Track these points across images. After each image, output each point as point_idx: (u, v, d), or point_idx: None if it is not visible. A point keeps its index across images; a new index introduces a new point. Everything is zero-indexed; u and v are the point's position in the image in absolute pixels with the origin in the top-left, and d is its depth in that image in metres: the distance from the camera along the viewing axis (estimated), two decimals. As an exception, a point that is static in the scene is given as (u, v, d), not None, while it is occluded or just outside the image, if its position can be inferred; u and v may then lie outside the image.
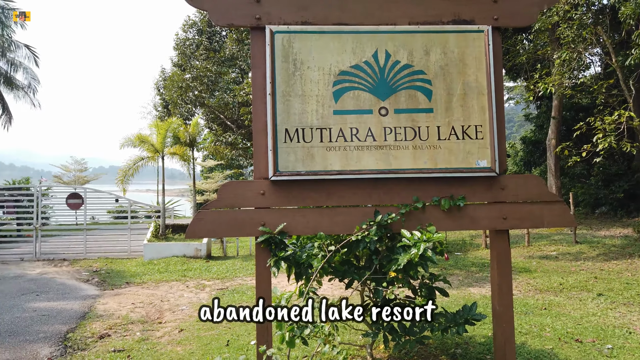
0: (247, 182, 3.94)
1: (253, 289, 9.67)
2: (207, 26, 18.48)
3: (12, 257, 14.88)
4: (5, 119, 29.53)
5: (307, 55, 3.85)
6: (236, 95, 14.38)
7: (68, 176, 30.50)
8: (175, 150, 14.85)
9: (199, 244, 14.01)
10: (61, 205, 16.38)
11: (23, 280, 11.14)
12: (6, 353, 5.97)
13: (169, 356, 5.82)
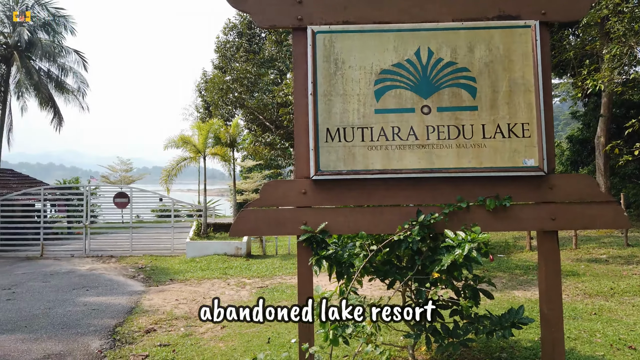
0: (288, 181, 3.98)
1: (293, 288, 9.75)
2: (246, 28, 18.77)
3: (64, 253, 15.59)
4: (56, 121, 30.99)
5: (348, 55, 3.85)
6: (275, 96, 14.54)
7: (114, 176, 31.71)
8: (216, 150, 15.17)
9: (239, 243, 14.25)
10: (108, 204, 17.03)
11: (74, 276, 11.65)
12: (60, 345, 6.27)
13: (212, 352, 5.95)
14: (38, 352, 5.94)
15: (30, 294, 9.42)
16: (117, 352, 6.02)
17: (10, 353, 5.92)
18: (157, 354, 5.91)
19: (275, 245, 15.86)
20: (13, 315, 7.79)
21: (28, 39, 27.69)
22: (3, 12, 28.91)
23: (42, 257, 14.95)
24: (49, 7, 29.65)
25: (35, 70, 29.04)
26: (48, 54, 29.02)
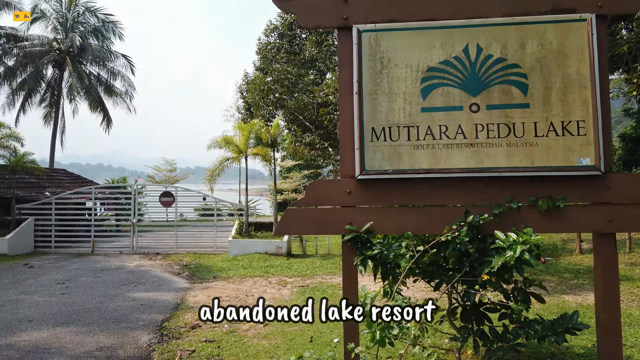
0: (333, 181, 3.98)
1: (334, 287, 9.76)
2: (287, 30, 18.95)
3: (113, 250, 16.22)
4: (105, 123, 32.29)
5: (394, 53, 3.81)
6: (315, 96, 14.60)
7: (160, 176, 32.73)
8: (257, 150, 15.39)
9: (280, 242, 14.39)
10: (153, 202, 17.59)
11: (123, 272, 12.09)
12: (112, 338, 6.51)
13: (256, 349, 6.03)
14: (91, 345, 6.20)
15: (82, 289, 9.84)
16: (165, 347, 6.20)
17: (65, 345, 6.21)
18: (203, 349, 6.04)
19: (315, 244, 15.92)
20: (67, 308, 8.16)
21: (79, 44, 28.98)
22: (56, 19, 30.40)
23: (93, 254, 15.60)
24: (98, 13, 30.91)
25: (86, 75, 30.35)
26: (98, 58, 30.27)
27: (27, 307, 8.24)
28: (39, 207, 16.42)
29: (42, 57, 29.17)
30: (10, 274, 11.69)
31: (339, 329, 6.79)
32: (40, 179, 20.20)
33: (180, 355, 5.88)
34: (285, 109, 16.86)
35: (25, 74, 29.20)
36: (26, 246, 15.57)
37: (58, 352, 5.89)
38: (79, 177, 25.62)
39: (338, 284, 10.11)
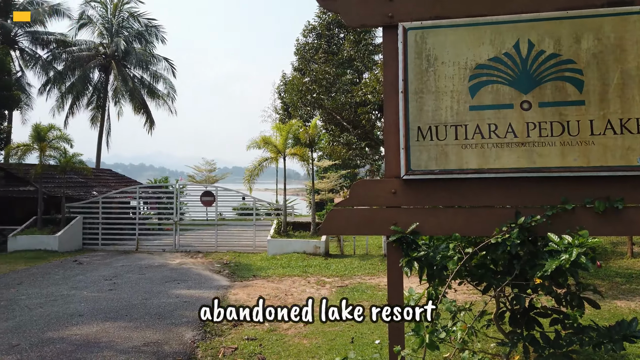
0: (378, 181, 3.94)
1: (373, 288, 9.69)
2: (325, 30, 18.97)
3: (156, 248, 16.69)
4: (148, 125, 33.28)
5: (441, 51, 3.73)
6: (354, 95, 14.54)
7: (199, 176, 33.46)
8: (295, 150, 15.48)
9: (318, 242, 14.42)
10: (194, 202, 17.98)
11: (166, 269, 12.42)
12: (157, 334, 6.69)
13: (297, 348, 6.06)
14: (138, 340, 6.39)
15: (128, 285, 10.16)
16: (209, 344, 6.32)
17: (114, 339, 6.42)
18: (246, 347, 6.12)
19: (353, 245, 15.87)
20: (115, 304, 8.44)
21: (124, 48, 29.99)
22: (102, 25, 31.55)
23: (137, 251, 16.11)
24: (141, 18, 31.89)
25: (130, 78, 31.38)
26: (141, 62, 31.23)
27: (77, 302, 8.59)
28: (87, 206, 17.09)
29: (89, 61, 30.36)
30: (61, 269, 12.22)
31: (379, 330, 6.73)
32: (88, 179, 21.01)
33: (223, 352, 5.98)
34: (322, 109, 16.87)
35: (73, 78, 30.48)
36: (75, 243, 16.24)
37: (107, 346, 6.10)
38: (123, 177, 26.52)
39: (377, 285, 10.04)
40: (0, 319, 7.38)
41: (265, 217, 18.02)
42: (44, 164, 16.74)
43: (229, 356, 5.85)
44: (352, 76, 18.37)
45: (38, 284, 10.34)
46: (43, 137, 16.52)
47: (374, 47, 16.82)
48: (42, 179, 16.73)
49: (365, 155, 19.13)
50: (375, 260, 13.49)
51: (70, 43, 30.79)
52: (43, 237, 15.44)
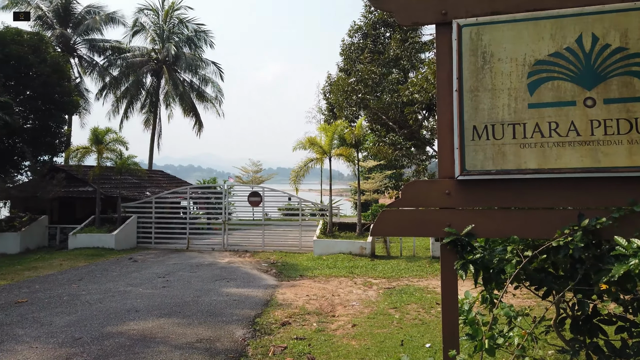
0: (431, 182, 3.87)
1: (421, 290, 9.54)
2: (371, 29, 18.86)
3: (205, 247, 17.14)
4: (197, 127, 34.24)
5: (497, 47, 3.62)
6: (401, 95, 14.37)
7: (246, 177, 34.08)
8: (341, 151, 15.47)
9: (364, 243, 14.35)
10: (240, 202, 18.32)
11: (215, 268, 12.72)
12: (209, 331, 6.86)
13: (346, 349, 6.05)
14: (192, 336, 6.57)
15: (180, 283, 10.48)
16: (259, 342, 6.41)
17: (169, 335, 6.64)
18: (295, 346, 6.17)
19: (399, 246, 15.69)
20: (168, 301, 8.73)
21: (174, 53, 30.99)
22: (154, 31, 32.74)
23: (188, 250, 16.60)
24: (191, 24, 32.87)
25: (180, 82, 32.40)
26: (191, 66, 32.19)
27: (133, 298, 8.94)
28: (140, 206, 17.79)
29: (142, 66, 31.60)
30: (118, 267, 12.77)
31: (429, 333, 6.62)
32: (142, 180, 21.86)
33: (273, 351, 6.05)
34: (368, 109, 16.79)
35: (127, 83, 31.82)
36: (130, 241, 16.94)
37: (163, 342, 6.31)
38: (174, 177, 27.40)
39: (426, 287, 9.87)
40: (64, 313, 7.80)
41: (310, 218, 18.14)
42: (102, 165, 17.55)
43: (279, 355, 5.91)
44: (399, 75, 18.16)
45: (97, 280, 10.85)
46: (101, 140, 17.34)
47: (421, 45, 16.57)
48: (99, 180, 17.56)
49: (412, 155, 18.87)
50: (422, 262, 13.27)
51: (124, 49, 32.18)
52: (101, 236, 16.20)
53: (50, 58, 22.63)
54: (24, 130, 21.48)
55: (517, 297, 8.36)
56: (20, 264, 13.34)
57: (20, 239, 16.01)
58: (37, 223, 16.96)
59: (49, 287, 10.05)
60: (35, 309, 8.08)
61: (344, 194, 43.00)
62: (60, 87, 22.78)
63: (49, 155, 24.17)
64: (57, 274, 11.73)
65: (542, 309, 7.22)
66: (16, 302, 8.61)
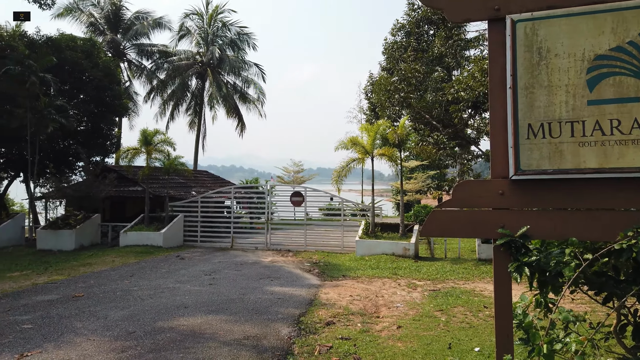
0: (483, 182, 3.78)
1: (467, 293, 9.34)
2: (415, 27, 18.63)
3: (249, 245, 17.43)
4: (239, 128, 34.86)
5: (554, 42, 3.49)
6: (445, 93, 14.11)
7: (288, 177, 34.45)
8: (383, 151, 15.35)
9: (407, 244, 14.19)
10: (282, 202, 18.49)
11: (259, 267, 12.91)
12: (256, 328, 6.97)
13: (392, 350, 6.00)
14: (239, 333, 6.70)
15: (226, 281, 10.70)
16: (304, 341, 6.46)
17: (217, 331, 6.79)
18: (340, 346, 6.18)
19: (443, 248, 15.41)
20: (215, 298, 8.93)
21: (218, 56, 31.68)
22: (199, 35, 33.58)
23: (232, 249, 16.93)
24: (234, 27, 33.52)
25: (224, 84, 33.09)
26: (234, 68, 32.82)
27: (182, 294, 9.21)
28: (187, 205, 18.29)
29: (187, 69, 32.50)
30: (166, 264, 13.18)
31: (477, 337, 6.47)
32: (188, 180, 22.49)
33: (319, 350, 6.08)
34: (411, 108, 16.58)
35: (173, 86, 32.81)
36: (177, 240, 17.45)
37: (211, 338, 6.47)
38: (218, 177, 28.03)
39: (472, 290, 9.66)
40: (117, 308, 8.13)
41: (350, 218, 18.10)
42: (150, 166, 18.17)
43: (325, 354, 5.93)
44: (442, 73, 17.85)
45: (147, 276, 11.24)
46: (149, 141, 17.96)
47: (466, 42, 16.21)
48: (148, 179, 18.19)
49: (456, 155, 18.49)
50: (468, 264, 12.98)
51: (171, 53, 33.20)
52: (149, 234, 16.77)
53: (101, 63, 23.65)
54: (78, 132, 22.57)
55: (573, 302, 8.05)
56: (76, 260, 14.01)
57: (75, 236, 16.81)
58: (90, 221, 17.75)
59: (103, 282, 10.50)
60: (91, 303, 8.47)
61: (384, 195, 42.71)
62: (111, 90, 23.77)
63: (101, 156, 25.29)
64: (109, 270, 12.25)
65: (597, 315, 6.92)
66: (74, 297, 9.05)
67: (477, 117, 15.54)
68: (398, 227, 15.95)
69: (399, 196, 31.39)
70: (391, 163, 16.10)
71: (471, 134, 17.15)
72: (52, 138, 20.44)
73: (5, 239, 18.03)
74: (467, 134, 17.32)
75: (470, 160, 17.86)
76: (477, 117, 15.56)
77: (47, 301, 8.70)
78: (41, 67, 18.25)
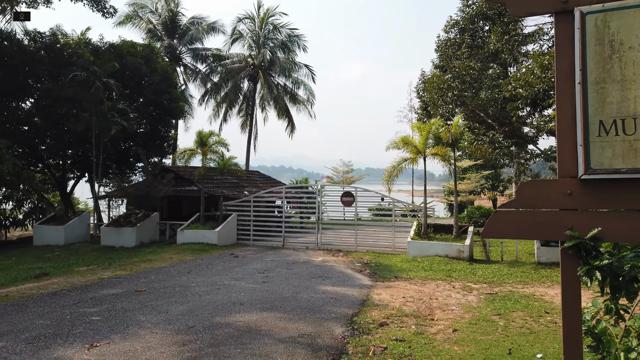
0: (550, 181, 3.63)
1: (527, 298, 9.00)
2: (469, 23, 18.15)
3: (299, 245, 17.61)
4: (289, 129, 35.28)
5: (627, 34, 3.30)
6: (502, 90, 13.65)
7: (337, 177, 34.53)
8: (436, 150, 15.05)
9: (462, 246, 13.85)
10: (332, 202, 18.50)
11: (310, 266, 13.01)
12: (309, 327, 7.03)
13: (449, 354, 5.88)
14: (293, 331, 6.78)
15: (279, 279, 10.87)
16: (358, 341, 6.45)
17: (272, 329, 6.91)
18: (395, 347, 6.12)
19: (499, 250, 14.92)
20: (269, 295, 9.09)
21: (269, 58, 32.22)
22: (251, 38, 34.29)
23: (284, 248, 17.17)
24: (285, 29, 33.98)
25: (274, 85, 33.62)
26: (284, 70, 33.27)
27: (237, 291, 9.44)
28: (239, 204, 18.73)
29: (239, 72, 33.28)
30: (221, 261, 13.56)
31: (539, 343, 6.23)
32: (240, 180, 23.02)
33: (373, 350, 6.05)
34: (464, 107, 16.16)
35: (226, 88, 33.70)
36: (230, 238, 17.91)
37: (267, 335, 6.59)
38: (269, 178, 28.51)
39: (532, 295, 9.29)
40: (177, 303, 8.45)
41: (400, 219, 17.88)
42: (205, 166, 18.75)
43: (379, 355, 5.90)
44: (499, 70, 17.28)
45: (203, 273, 11.61)
46: (205, 142, 18.54)
47: (523, 37, 15.62)
48: (203, 179, 18.77)
49: (513, 154, 17.86)
50: (526, 267, 12.51)
51: (224, 57, 34.14)
52: (205, 232, 17.31)
53: (159, 67, 24.66)
54: (138, 134, 23.64)
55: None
56: (137, 257, 14.68)
57: (136, 233, 17.62)
58: (149, 219, 18.54)
59: (162, 278, 10.94)
60: (153, 298, 8.85)
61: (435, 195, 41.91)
62: (168, 94, 24.74)
63: (159, 157, 26.37)
64: (168, 266, 12.75)
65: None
66: (136, 291, 9.49)
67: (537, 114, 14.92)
68: (451, 229, 15.60)
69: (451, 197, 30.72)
70: (444, 163, 15.75)
71: (529, 132, 16.49)
72: (114, 140, 21.52)
73: (73, 235, 19.17)
74: (524, 133, 16.67)
75: (529, 160, 17.17)
76: (535, 115, 14.94)
77: (112, 295, 9.17)
78: (104, 73, 19.26)
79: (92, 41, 23.49)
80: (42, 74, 21.34)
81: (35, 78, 21.73)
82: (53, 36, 22.17)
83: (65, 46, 22.05)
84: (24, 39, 21.35)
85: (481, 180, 25.97)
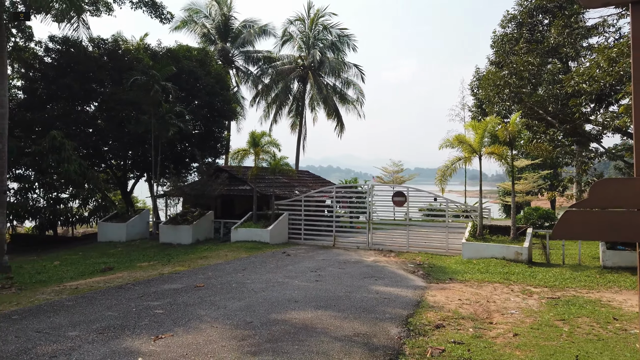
0: (626, 180, 3.44)
1: (592, 303, 8.58)
2: (527, 17, 17.47)
3: (350, 245, 17.60)
4: (338, 129, 35.33)
5: None
6: (563, 86, 13.05)
7: (387, 177, 34.23)
8: (492, 149, 14.57)
9: (520, 248, 13.36)
10: (381, 202, 18.33)
11: (362, 266, 12.97)
12: (364, 326, 7.02)
13: (510, 359, 5.69)
14: (349, 330, 6.79)
15: (331, 278, 10.91)
16: (414, 342, 6.37)
17: (327, 327, 6.95)
18: (453, 350, 6.00)
19: (561, 253, 14.28)
20: (322, 294, 9.15)
21: (319, 59, 32.40)
22: (301, 39, 34.62)
23: (334, 247, 17.21)
24: (335, 29, 34.08)
25: (324, 86, 33.76)
26: (334, 70, 33.35)
27: (291, 289, 9.56)
28: (291, 204, 18.96)
29: (289, 73, 33.67)
30: (274, 259, 13.78)
31: (608, 351, 5.92)
32: (291, 179, 23.30)
33: (431, 352, 5.96)
34: (522, 104, 15.58)
35: (277, 90, 34.19)
36: (282, 237, 18.16)
37: (323, 333, 6.64)
38: (319, 177, 28.68)
39: (598, 300, 8.84)
40: (234, 299, 8.68)
41: (453, 219, 17.47)
42: (258, 166, 19.12)
43: (437, 357, 5.80)
44: (560, 65, 16.54)
45: (257, 270, 11.85)
46: (257, 143, 18.90)
47: (587, 30, 14.84)
48: (255, 179, 19.15)
49: (574, 153, 17.03)
50: (591, 272, 11.90)
51: (274, 58, 34.68)
52: (257, 230, 17.65)
53: (213, 70, 25.40)
54: (193, 135, 24.46)
55: None
56: (193, 253, 15.18)
57: (192, 231, 18.24)
58: (205, 217, 19.13)
59: (219, 274, 11.27)
60: (211, 293, 9.13)
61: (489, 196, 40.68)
62: (222, 96, 25.43)
63: (212, 157, 27.18)
64: (224, 263, 13.10)
65: None
66: (195, 286, 9.82)
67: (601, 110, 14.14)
68: (507, 230, 15.07)
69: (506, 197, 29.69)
70: (500, 162, 15.23)
71: (592, 129, 15.67)
72: (171, 141, 22.38)
73: (133, 233, 20.10)
74: (587, 130, 15.86)
75: (593, 159, 16.31)
76: (601, 111, 14.17)
77: (173, 290, 9.54)
78: (162, 76, 20.06)
79: (150, 46, 24.55)
80: (105, 78, 22.53)
81: (99, 83, 22.96)
82: (115, 42, 23.35)
83: (126, 52, 23.17)
84: (89, 45, 22.63)
85: (539, 180, 24.92)
